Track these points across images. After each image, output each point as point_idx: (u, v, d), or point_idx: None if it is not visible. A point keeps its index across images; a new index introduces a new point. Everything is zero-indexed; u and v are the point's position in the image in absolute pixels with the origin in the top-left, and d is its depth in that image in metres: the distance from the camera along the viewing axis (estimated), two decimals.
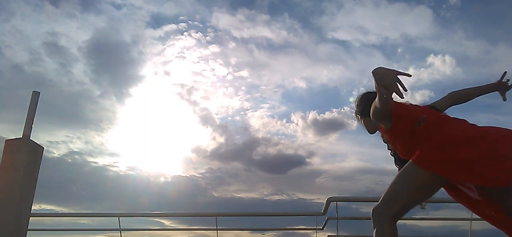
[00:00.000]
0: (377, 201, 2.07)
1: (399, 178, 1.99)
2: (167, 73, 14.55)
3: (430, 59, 13.21)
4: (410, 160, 1.99)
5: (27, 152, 2.66)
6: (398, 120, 2.10)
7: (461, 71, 12.82)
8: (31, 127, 2.71)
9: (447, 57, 13.05)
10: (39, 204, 5.21)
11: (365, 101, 2.29)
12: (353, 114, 2.47)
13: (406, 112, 2.13)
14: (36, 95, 2.78)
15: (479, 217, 2.12)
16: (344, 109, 14.29)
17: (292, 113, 15.32)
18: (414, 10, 13.64)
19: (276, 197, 12.75)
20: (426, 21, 13.45)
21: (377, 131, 2.31)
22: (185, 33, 13.89)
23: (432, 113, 2.15)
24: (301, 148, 14.82)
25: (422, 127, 2.03)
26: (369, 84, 2.37)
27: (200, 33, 13.94)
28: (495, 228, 2.01)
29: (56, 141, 12.58)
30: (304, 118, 14.96)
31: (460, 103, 2.41)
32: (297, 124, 15.00)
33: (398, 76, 1.70)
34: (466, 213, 4.39)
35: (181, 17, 13.87)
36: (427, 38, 13.76)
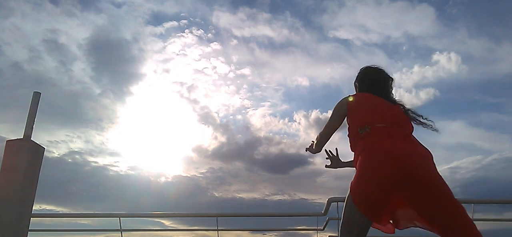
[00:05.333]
0: None
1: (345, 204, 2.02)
2: (168, 71, 14.55)
3: (436, 56, 13.19)
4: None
5: (28, 153, 2.66)
6: (349, 126, 2.18)
7: (466, 69, 12.81)
8: (32, 127, 2.71)
9: (452, 55, 13.03)
10: (39, 204, 5.23)
11: (360, 77, 2.39)
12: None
13: (355, 117, 2.15)
14: (37, 95, 2.78)
15: (480, 217, 2.11)
16: None
17: (294, 112, 15.30)
18: (416, 8, 13.63)
19: (278, 197, 12.76)
20: (428, 19, 13.44)
21: None
22: (186, 31, 13.88)
23: (386, 119, 2.08)
24: (303, 148, 14.75)
25: (367, 135, 2.03)
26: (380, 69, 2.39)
27: (202, 30, 13.92)
28: (497, 229, 2.00)
29: (56, 141, 12.60)
30: (306, 117, 14.95)
31: None
32: (299, 123, 14.98)
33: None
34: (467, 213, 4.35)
35: (182, 14, 13.86)
36: (430, 36, 13.76)
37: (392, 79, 2.32)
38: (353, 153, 2.14)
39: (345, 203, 1.96)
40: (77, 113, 14.17)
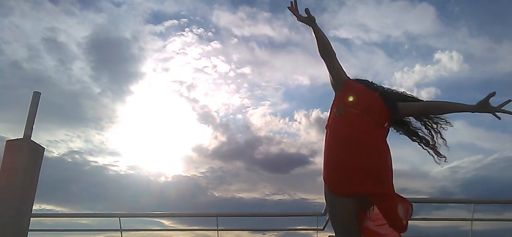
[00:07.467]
0: None
1: None
2: (168, 70, 14.47)
3: (437, 55, 13.17)
4: None
5: (28, 153, 2.66)
6: (331, 105, 2.27)
7: (467, 68, 12.78)
8: (32, 127, 2.71)
9: (454, 53, 13.00)
10: (39, 204, 5.20)
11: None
12: None
13: (338, 96, 2.24)
14: (37, 95, 2.78)
15: (480, 217, 2.12)
16: None
17: (295, 111, 15.23)
18: (416, 7, 13.59)
19: (278, 197, 12.72)
20: (429, 18, 13.40)
21: None
22: (186, 29, 13.84)
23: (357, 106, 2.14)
24: (304, 147, 14.73)
25: (340, 116, 2.12)
26: (373, 81, 2.42)
27: (202, 29, 13.89)
28: (497, 229, 2.02)
29: (55, 140, 12.56)
30: (307, 116, 14.89)
31: (433, 114, 2.32)
32: (300, 122, 14.94)
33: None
34: (467, 213, 4.38)
35: (182, 13, 13.84)
36: (431, 35, 13.70)
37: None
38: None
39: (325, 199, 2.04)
40: (77, 113, 14.13)
